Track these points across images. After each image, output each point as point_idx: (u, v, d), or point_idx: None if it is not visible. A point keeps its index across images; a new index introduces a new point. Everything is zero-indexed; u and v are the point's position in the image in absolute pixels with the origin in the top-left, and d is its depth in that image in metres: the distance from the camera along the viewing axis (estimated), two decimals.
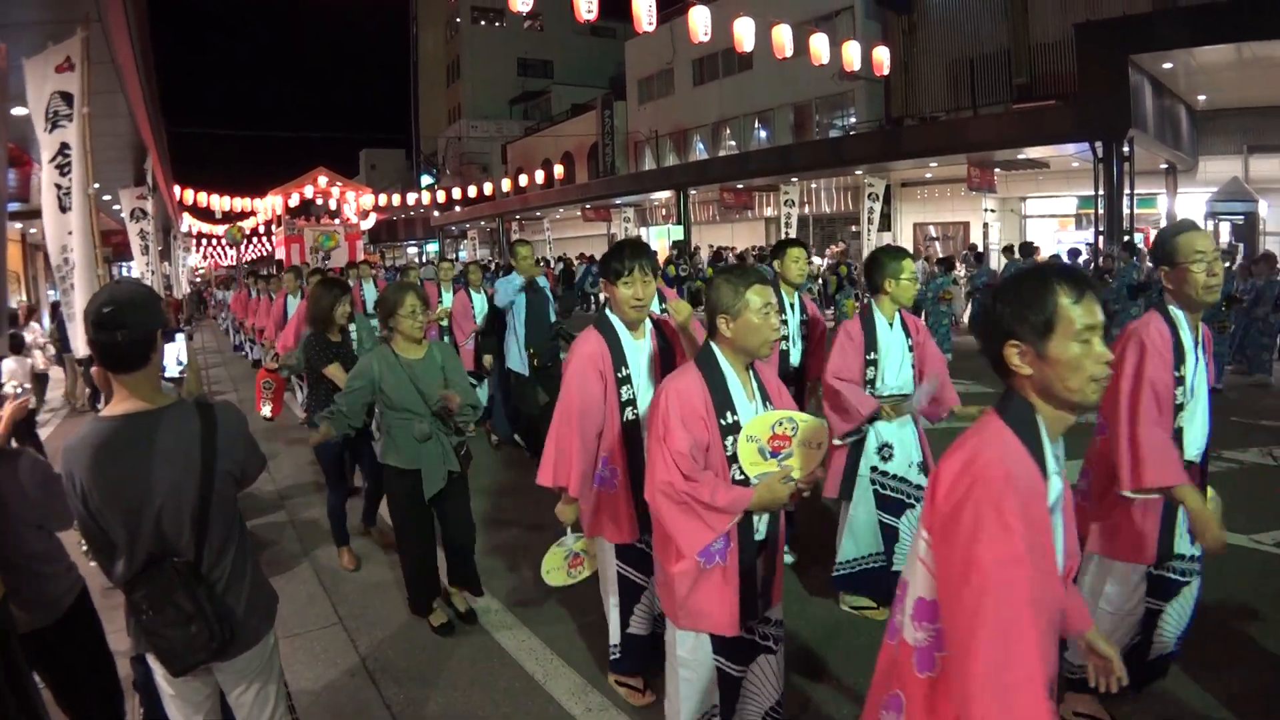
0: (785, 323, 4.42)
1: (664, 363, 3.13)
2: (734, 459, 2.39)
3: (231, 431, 2.25)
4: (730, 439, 2.40)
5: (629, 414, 3.09)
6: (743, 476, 2.39)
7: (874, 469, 3.84)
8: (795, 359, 4.56)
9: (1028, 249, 13.40)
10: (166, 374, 2.37)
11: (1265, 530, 4.95)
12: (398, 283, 4.06)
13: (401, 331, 3.87)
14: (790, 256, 4.56)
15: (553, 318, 6.84)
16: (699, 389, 2.42)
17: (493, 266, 19.45)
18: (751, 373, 2.55)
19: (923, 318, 15.16)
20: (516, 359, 6.74)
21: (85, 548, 2.30)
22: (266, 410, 5.72)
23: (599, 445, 3.13)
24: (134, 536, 2.11)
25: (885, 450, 3.83)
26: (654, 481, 2.38)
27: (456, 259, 37.83)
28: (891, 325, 3.87)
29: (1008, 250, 14.25)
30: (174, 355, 2.51)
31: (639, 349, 3.14)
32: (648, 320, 3.20)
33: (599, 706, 3.35)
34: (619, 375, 3.07)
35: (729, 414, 2.42)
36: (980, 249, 17.42)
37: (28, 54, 4.97)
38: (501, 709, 3.40)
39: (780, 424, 2.37)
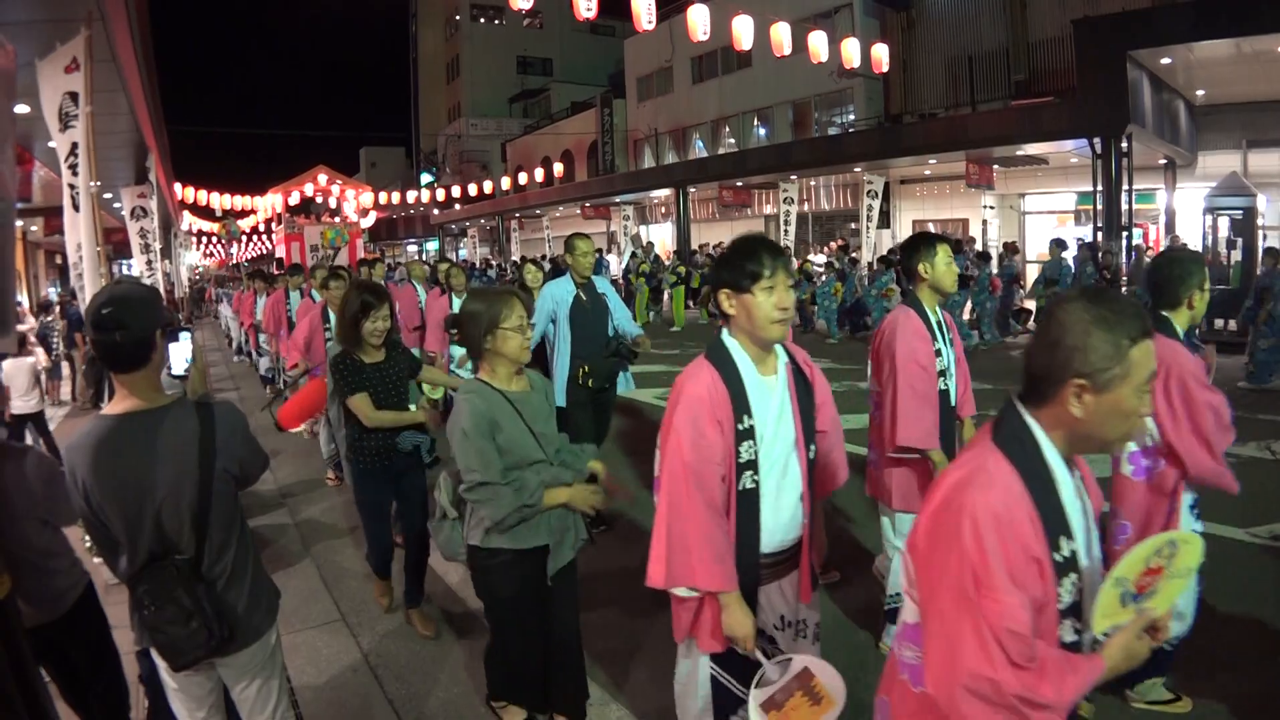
0: (940, 354, 3.46)
1: (803, 410, 2.36)
2: (1071, 611, 1.55)
3: (230, 431, 2.26)
4: (1068, 581, 1.53)
5: (747, 480, 2.27)
6: (1074, 638, 1.56)
7: None
8: (954, 399, 3.49)
9: (958, 245, 14.08)
10: (173, 372, 2.39)
11: (1261, 524, 4.97)
12: (492, 289, 2.92)
13: (507, 354, 2.77)
14: (942, 258, 3.45)
15: (612, 328, 5.54)
16: (1025, 506, 1.49)
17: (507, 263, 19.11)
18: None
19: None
20: (559, 387, 5.37)
21: (89, 544, 2.33)
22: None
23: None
24: (135, 534, 2.14)
25: None
26: (955, 671, 1.46)
27: (456, 257, 37.95)
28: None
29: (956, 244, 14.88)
30: (180, 354, 2.53)
31: (768, 390, 2.31)
32: (781, 350, 2.40)
33: (599, 701, 3.37)
34: (739, 428, 2.24)
35: (1065, 543, 1.52)
36: (979, 246, 17.47)
37: (40, 55, 5.02)
38: None
39: (1159, 552, 1.53)
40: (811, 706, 2.06)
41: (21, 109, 5.88)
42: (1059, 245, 12.68)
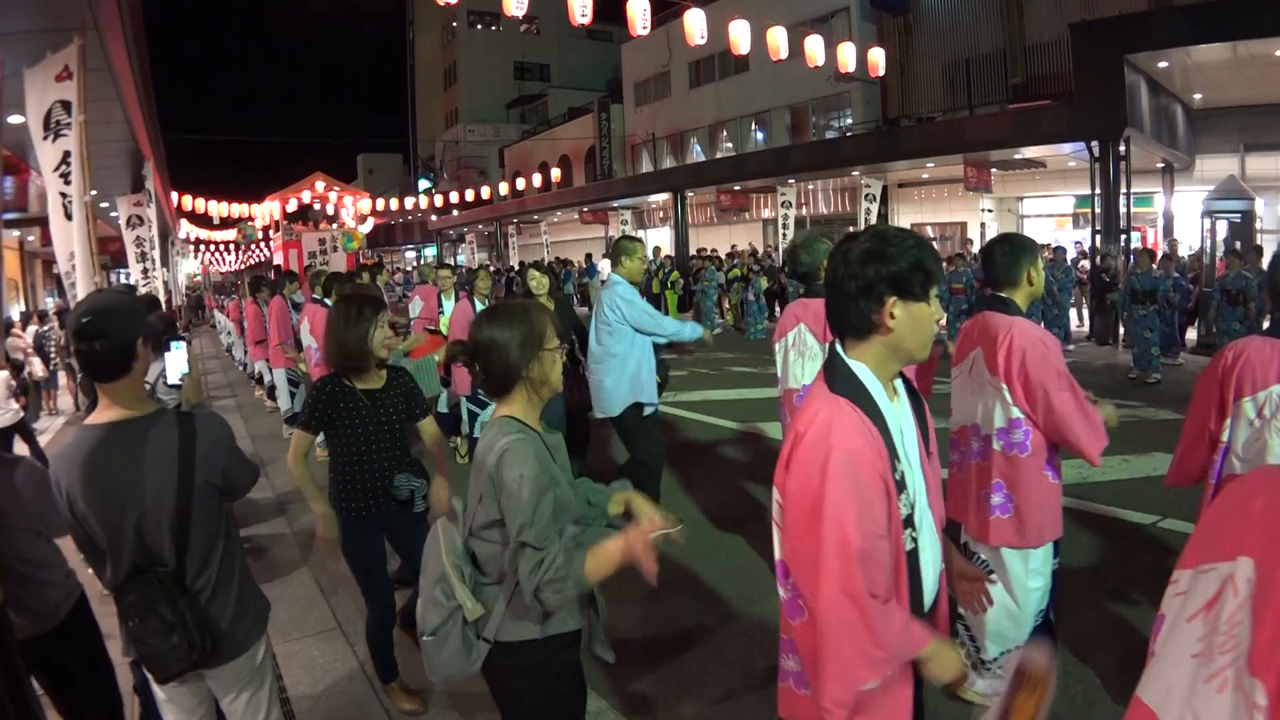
0: None
1: (924, 437, 1.91)
2: None
3: (213, 442, 2.24)
4: None
5: (908, 540, 1.78)
6: None
7: None
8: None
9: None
10: (169, 382, 2.38)
11: None
12: (514, 303, 2.29)
13: (551, 382, 2.17)
14: (1040, 263, 3.19)
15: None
16: None
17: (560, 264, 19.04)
18: None
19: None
20: (623, 398, 5.03)
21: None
22: None
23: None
24: (117, 544, 2.13)
25: None
26: None
27: (456, 264, 37.91)
28: None
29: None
30: (177, 364, 2.51)
31: (899, 418, 1.84)
32: None
33: (597, 711, 3.34)
34: (895, 478, 1.74)
35: None
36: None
37: (29, 64, 4.99)
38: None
39: None
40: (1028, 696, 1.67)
41: (16, 119, 5.86)
42: (1149, 255, 12.73)
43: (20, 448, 7.31)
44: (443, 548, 2.07)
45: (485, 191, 32.57)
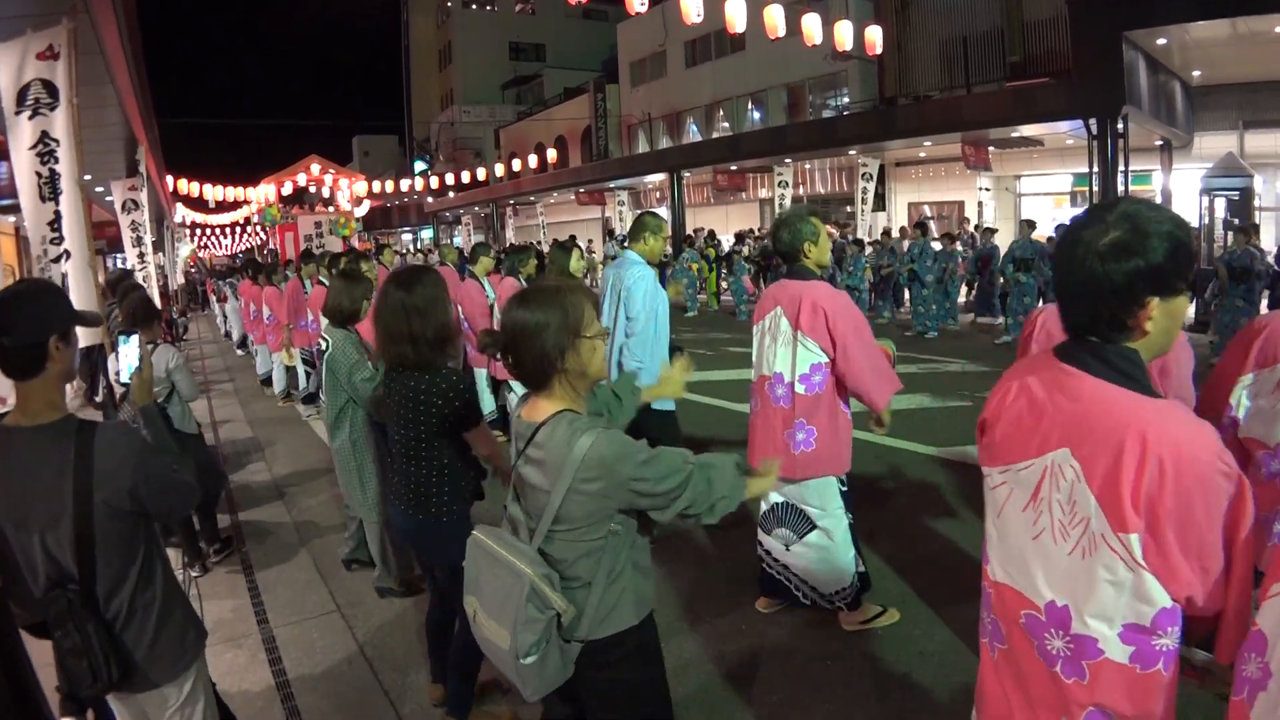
0: None
1: None
2: None
3: (115, 460, 2.00)
4: None
5: None
6: None
7: None
8: None
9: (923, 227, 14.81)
10: (121, 379, 2.26)
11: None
12: (550, 285, 2.04)
13: (595, 373, 2.02)
14: None
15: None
16: None
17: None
18: None
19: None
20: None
21: None
22: None
23: None
24: (28, 555, 2.01)
25: None
26: None
27: (451, 245, 37.82)
28: None
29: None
30: (126, 359, 2.33)
31: None
32: None
33: None
34: None
35: None
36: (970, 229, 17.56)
37: (3, 39, 4.86)
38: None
39: None
40: None
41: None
42: (1029, 225, 12.77)
43: None
44: (519, 562, 1.90)
45: (481, 173, 32.38)
